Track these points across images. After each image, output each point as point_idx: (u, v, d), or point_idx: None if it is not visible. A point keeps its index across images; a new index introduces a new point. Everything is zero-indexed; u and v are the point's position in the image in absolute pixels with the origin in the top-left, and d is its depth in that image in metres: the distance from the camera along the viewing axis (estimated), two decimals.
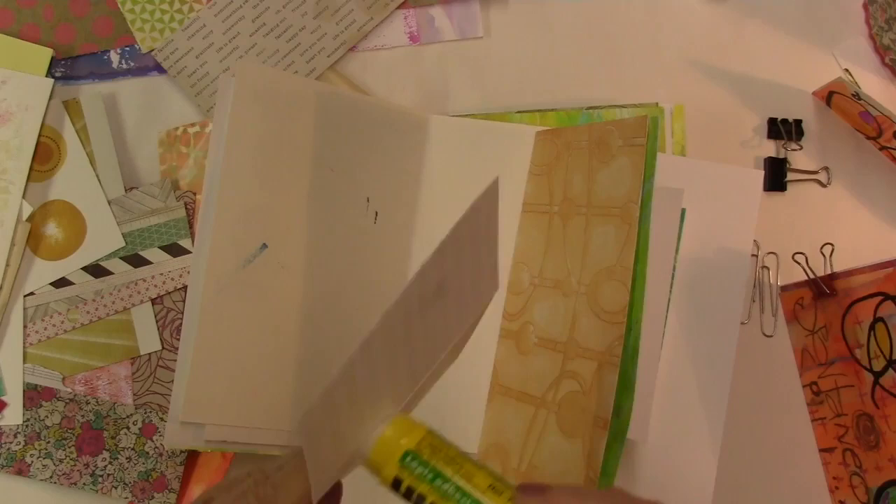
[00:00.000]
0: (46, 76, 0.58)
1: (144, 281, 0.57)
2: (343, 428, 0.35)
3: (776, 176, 0.60)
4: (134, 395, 0.56)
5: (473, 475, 0.34)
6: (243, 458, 0.56)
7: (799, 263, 0.59)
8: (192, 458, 0.56)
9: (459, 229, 0.36)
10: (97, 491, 0.55)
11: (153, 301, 0.57)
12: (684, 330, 0.56)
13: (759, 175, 0.58)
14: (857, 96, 0.56)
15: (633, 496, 0.34)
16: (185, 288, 0.57)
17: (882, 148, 0.59)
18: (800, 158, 0.61)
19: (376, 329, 0.33)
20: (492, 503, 0.33)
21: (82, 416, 0.56)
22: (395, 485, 0.35)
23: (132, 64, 0.60)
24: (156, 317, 0.57)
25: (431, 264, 0.35)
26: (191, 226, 0.58)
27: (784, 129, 0.61)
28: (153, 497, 0.55)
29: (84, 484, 0.55)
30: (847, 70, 0.62)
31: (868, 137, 0.60)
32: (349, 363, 0.33)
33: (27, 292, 0.57)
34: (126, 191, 0.58)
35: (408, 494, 0.34)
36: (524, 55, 0.62)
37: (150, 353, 0.57)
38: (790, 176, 0.60)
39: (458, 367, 0.56)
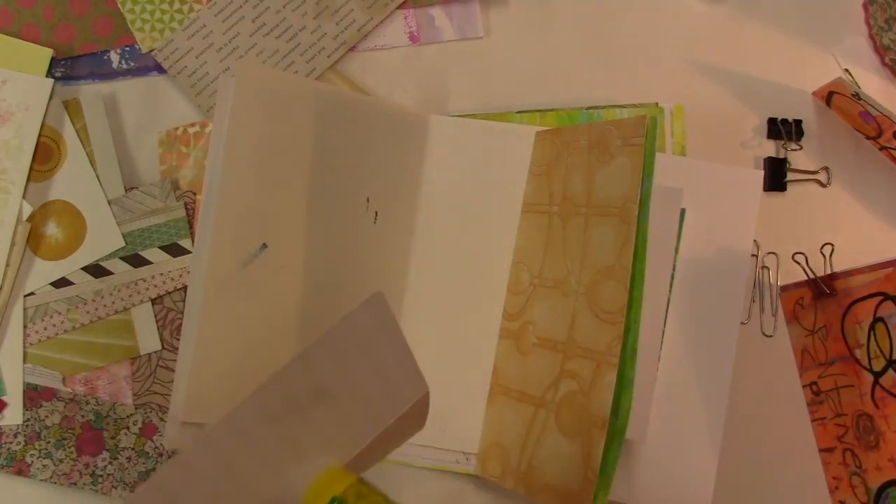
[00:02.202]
0: (46, 76, 0.58)
1: (144, 281, 0.57)
2: (271, 466, 0.37)
3: (776, 176, 0.60)
4: (134, 395, 0.56)
5: None
6: None
7: (799, 263, 0.59)
8: None
9: (333, 336, 0.38)
10: (97, 491, 0.55)
11: (153, 301, 0.57)
12: (684, 330, 0.56)
13: (759, 175, 0.58)
14: (857, 96, 0.56)
15: None
16: (185, 288, 0.57)
17: (882, 148, 0.59)
18: (800, 158, 0.61)
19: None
20: None
21: (82, 416, 0.56)
22: None
23: (132, 64, 0.60)
24: (156, 317, 0.57)
25: (292, 371, 0.38)
26: (191, 226, 0.58)
27: (784, 129, 0.61)
28: None
29: (84, 484, 0.55)
30: (847, 70, 0.62)
31: (868, 137, 0.60)
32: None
33: (27, 292, 0.57)
34: (126, 191, 0.58)
35: None
36: (524, 55, 0.62)
37: (150, 353, 0.57)
38: (790, 176, 0.60)
39: (458, 367, 0.56)
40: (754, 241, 0.59)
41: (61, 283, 0.57)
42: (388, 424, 0.38)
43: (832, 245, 0.59)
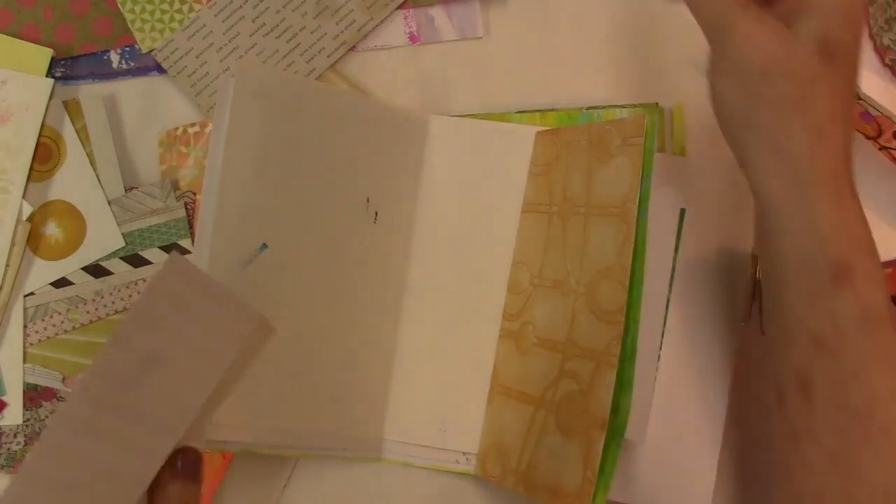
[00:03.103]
0: (46, 76, 0.58)
1: (144, 281, 0.57)
2: (124, 443, 0.37)
3: None
4: None
5: None
6: (244, 458, 0.56)
7: None
8: None
9: (143, 310, 0.37)
10: None
11: None
12: (684, 330, 0.56)
13: None
14: (856, 96, 0.56)
15: None
16: None
17: (882, 148, 0.59)
18: None
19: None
20: None
21: None
22: None
23: (132, 64, 0.60)
24: None
25: (111, 354, 0.37)
26: (191, 226, 0.58)
27: None
28: None
29: None
30: None
31: (868, 137, 0.60)
32: None
33: (27, 292, 0.57)
34: (126, 191, 0.58)
35: None
36: (524, 55, 0.62)
37: None
38: None
39: (458, 367, 0.56)
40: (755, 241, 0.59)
41: (61, 283, 0.57)
42: (230, 363, 0.38)
43: None
